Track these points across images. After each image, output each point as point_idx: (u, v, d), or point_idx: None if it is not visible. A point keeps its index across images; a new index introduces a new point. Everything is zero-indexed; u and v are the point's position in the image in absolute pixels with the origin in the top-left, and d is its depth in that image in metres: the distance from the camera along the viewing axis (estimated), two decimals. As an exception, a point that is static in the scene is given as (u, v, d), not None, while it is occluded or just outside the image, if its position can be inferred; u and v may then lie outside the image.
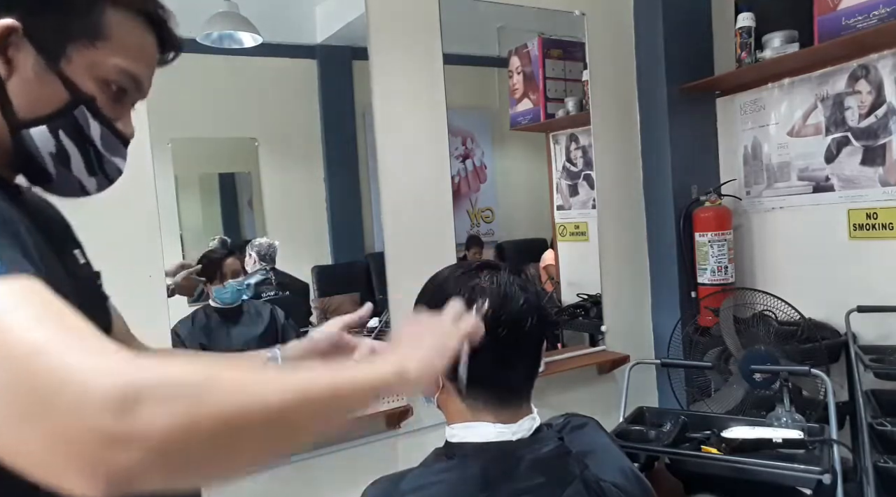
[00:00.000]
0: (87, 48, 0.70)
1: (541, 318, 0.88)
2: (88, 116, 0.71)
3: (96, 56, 0.70)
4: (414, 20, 2.15)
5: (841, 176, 2.29)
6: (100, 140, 0.73)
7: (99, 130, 0.72)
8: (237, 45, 2.10)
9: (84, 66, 0.70)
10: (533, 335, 0.87)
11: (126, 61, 0.72)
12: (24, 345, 0.45)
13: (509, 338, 0.84)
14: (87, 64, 0.70)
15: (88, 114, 0.71)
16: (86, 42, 0.70)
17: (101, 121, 0.72)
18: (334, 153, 2.36)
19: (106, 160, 0.75)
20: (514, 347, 0.85)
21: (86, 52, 0.70)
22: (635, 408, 2.03)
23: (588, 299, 2.69)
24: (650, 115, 2.63)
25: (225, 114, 2.17)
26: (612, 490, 0.86)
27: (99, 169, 0.74)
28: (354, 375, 0.60)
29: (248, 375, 0.51)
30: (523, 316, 0.85)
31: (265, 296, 2.25)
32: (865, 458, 1.81)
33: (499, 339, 0.83)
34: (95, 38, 0.70)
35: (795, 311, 2.15)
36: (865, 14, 2.02)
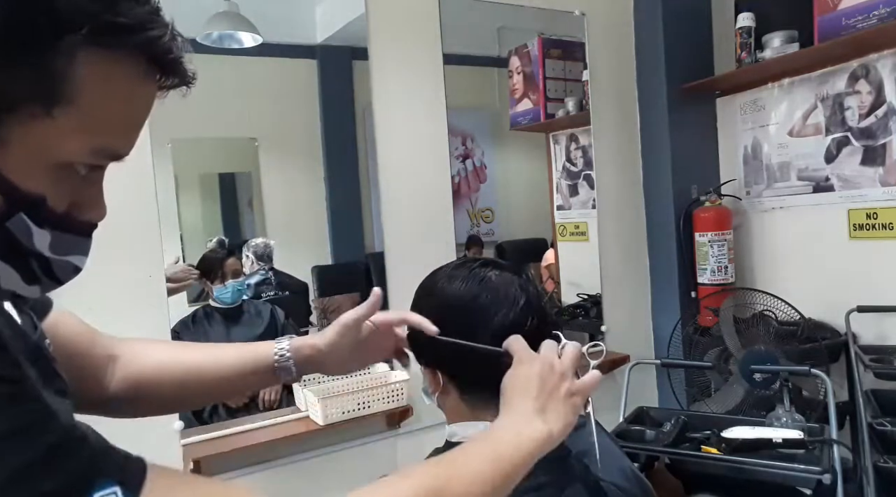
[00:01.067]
0: (34, 119, 0.45)
1: (542, 319, 0.88)
2: (31, 225, 0.48)
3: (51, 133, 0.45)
4: (414, 20, 2.15)
5: (841, 176, 2.29)
6: (48, 247, 0.50)
7: (48, 238, 0.50)
8: (237, 45, 2.10)
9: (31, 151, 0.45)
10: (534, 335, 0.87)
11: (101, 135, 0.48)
12: None
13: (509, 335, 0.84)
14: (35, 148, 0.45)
15: (31, 222, 0.48)
16: (35, 110, 0.44)
17: (50, 225, 0.49)
18: (334, 153, 2.36)
19: (56, 264, 0.52)
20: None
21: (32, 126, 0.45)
22: (635, 408, 2.03)
23: (588, 299, 2.69)
24: (650, 115, 2.63)
25: (225, 114, 2.17)
26: (612, 490, 0.86)
27: (45, 275, 0.52)
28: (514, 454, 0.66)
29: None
30: (524, 316, 0.84)
31: (265, 296, 2.25)
32: (865, 458, 1.81)
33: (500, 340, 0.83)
34: (53, 103, 0.45)
35: (795, 311, 2.15)
36: (865, 14, 2.02)
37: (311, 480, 1.94)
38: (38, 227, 0.48)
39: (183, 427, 1.77)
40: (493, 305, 0.84)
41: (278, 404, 2.04)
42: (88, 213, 0.52)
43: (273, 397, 2.05)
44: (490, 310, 0.83)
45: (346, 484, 0.62)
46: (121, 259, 1.61)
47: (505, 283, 0.85)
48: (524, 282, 0.87)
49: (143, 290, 1.70)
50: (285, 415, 1.94)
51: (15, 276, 0.50)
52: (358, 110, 2.35)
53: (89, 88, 0.45)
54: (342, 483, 2.05)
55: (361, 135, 2.33)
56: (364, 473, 0.94)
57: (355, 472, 1.95)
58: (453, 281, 0.87)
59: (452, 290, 0.86)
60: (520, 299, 0.85)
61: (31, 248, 0.49)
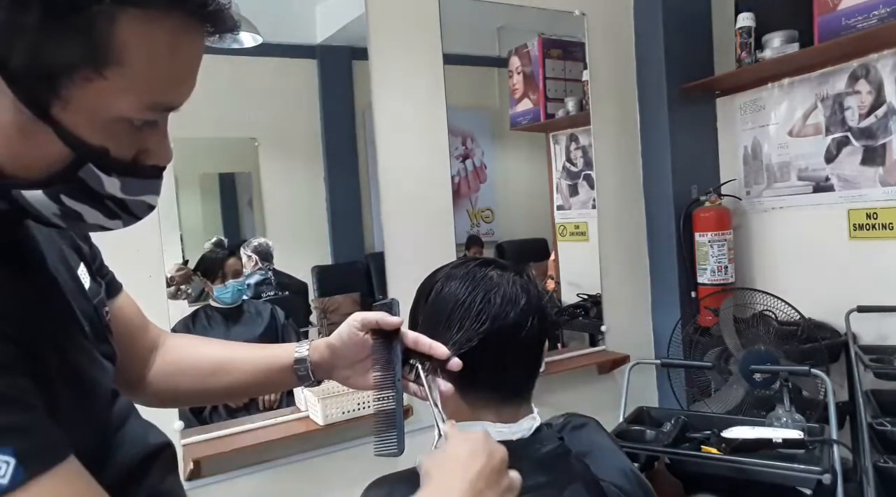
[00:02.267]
0: (89, 82, 0.48)
1: (542, 319, 0.88)
2: (99, 174, 0.53)
3: (106, 92, 0.49)
4: (414, 20, 2.15)
5: (841, 176, 2.29)
6: (119, 191, 0.56)
7: (117, 183, 0.55)
8: (237, 45, 2.10)
9: (89, 108, 0.50)
10: (534, 336, 0.87)
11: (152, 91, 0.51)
12: None
13: (511, 338, 0.84)
14: (93, 105, 0.49)
15: (99, 171, 0.53)
16: (88, 74, 0.48)
17: (118, 171, 0.55)
18: (334, 153, 2.36)
19: (131, 203, 0.58)
20: (516, 347, 0.85)
21: (89, 87, 0.49)
22: (635, 408, 2.03)
23: (588, 299, 2.69)
24: (650, 115, 2.63)
25: (225, 114, 2.16)
26: (612, 490, 0.86)
27: (123, 212, 0.58)
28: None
29: None
30: (525, 316, 0.84)
31: (265, 296, 2.25)
32: (865, 458, 1.81)
33: (500, 339, 0.83)
34: (103, 65, 0.48)
35: (795, 311, 2.15)
36: (865, 14, 2.02)
37: (311, 480, 1.94)
38: (106, 175, 0.54)
39: (183, 427, 1.77)
40: (494, 305, 0.84)
41: (278, 404, 2.04)
42: (154, 159, 0.57)
43: (273, 397, 2.05)
44: (490, 309, 0.83)
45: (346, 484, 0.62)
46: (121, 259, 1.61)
47: (506, 283, 0.85)
48: (525, 281, 0.87)
49: (143, 290, 1.69)
50: (285, 415, 1.94)
51: (96, 214, 0.57)
52: (358, 110, 2.35)
53: (133, 48, 0.48)
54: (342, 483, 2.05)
55: (361, 135, 2.33)
56: (364, 473, 0.94)
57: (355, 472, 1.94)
58: (453, 281, 0.87)
59: (452, 289, 0.86)
60: (521, 299, 0.85)
61: (102, 191, 0.55)
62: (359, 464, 2.00)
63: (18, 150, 0.50)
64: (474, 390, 0.86)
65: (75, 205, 0.55)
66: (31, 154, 0.51)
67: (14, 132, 0.49)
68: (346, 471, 1.97)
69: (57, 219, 0.56)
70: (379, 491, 0.85)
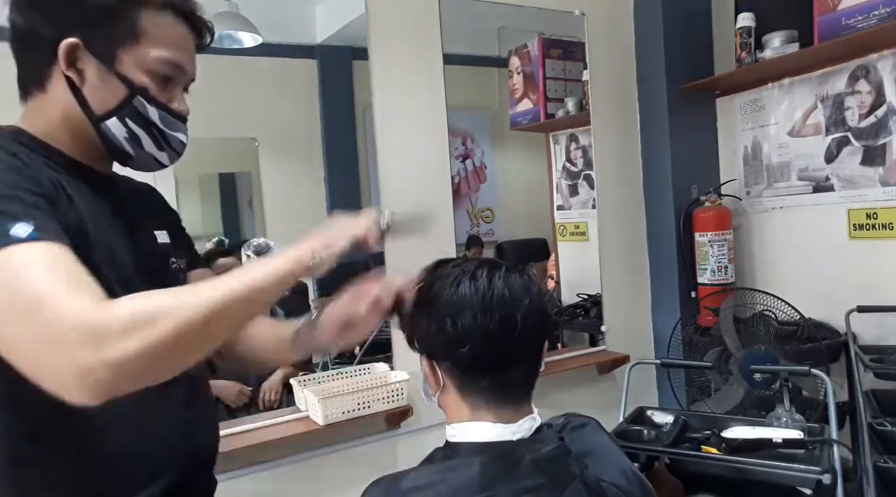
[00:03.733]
0: (132, 48, 0.84)
1: (543, 319, 0.88)
2: (145, 103, 0.86)
3: (140, 52, 0.84)
4: (414, 20, 2.15)
5: (841, 176, 2.29)
6: (159, 120, 0.88)
7: (157, 113, 0.87)
8: (237, 45, 2.10)
9: (133, 63, 0.84)
10: (535, 336, 0.87)
11: (165, 51, 0.86)
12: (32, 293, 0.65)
13: (511, 338, 0.84)
14: (134, 61, 0.84)
15: (145, 101, 0.85)
16: (131, 43, 0.83)
17: (156, 105, 0.87)
18: (334, 153, 2.36)
19: (169, 136, 0.90)
20: (516, 348, 0.85)
21: (132, 51, 0.84)
22: (635, 408, 2.03)
23: (588, 299, 2.69)
24: (650, 115, 2.63)
25: (225, 114, 2.16)
26: (612, 490, 0.86)
27: (165, 144, 0.90)
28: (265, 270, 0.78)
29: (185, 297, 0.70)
30: (525, 316, 0.84)
31: (265, 296, 2.25)
32: (865, 458, 1.82)
33: (500, 339, 0.83)
34: (137, 38, 0.84)
35: (795, 311, 2.15)
36: (865, 14, 2.02)
37: (311, 480, 1.94)
38: (149, 104, 0.86)
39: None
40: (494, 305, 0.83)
41: (278, 404, 2.05)
42: (178, 105, 0.90)
43: (273, 397, 2.05)
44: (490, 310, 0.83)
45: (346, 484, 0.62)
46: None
47: (506, 283, 0.85)
48: (525, 281, 0.87)
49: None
50: (285, 415, 1.94)
51: (150, 142, 0.89)
52: (358, 110, 2.35)
53: (152, 29, 0.84)
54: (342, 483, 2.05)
55: (361, 135, 2.33)
56: (364, 473, 0.94)
57: (355, 472, 1.95)
58: (453, 281, 0.87)
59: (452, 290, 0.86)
60: (521, 299, 0.85)
61: (150, 118, 0.87)
62: (359, 464, 2.01)
63: (99, 93, 0.84)
64: (474, 391, 0.86)
65: (136, 129, 0.86)
66: (105, 94, 0.84)
67: (97, 82, 0.84)
68: (346, 471, 1.97)
69: (126, 143, 0.87)
70: (379, 490, 0.85)
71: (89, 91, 0.84)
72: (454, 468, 0.83)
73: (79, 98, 0.84)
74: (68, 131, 0.86)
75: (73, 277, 0.68)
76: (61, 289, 0.66)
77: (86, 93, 0.84)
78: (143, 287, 0.78)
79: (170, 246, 1.00)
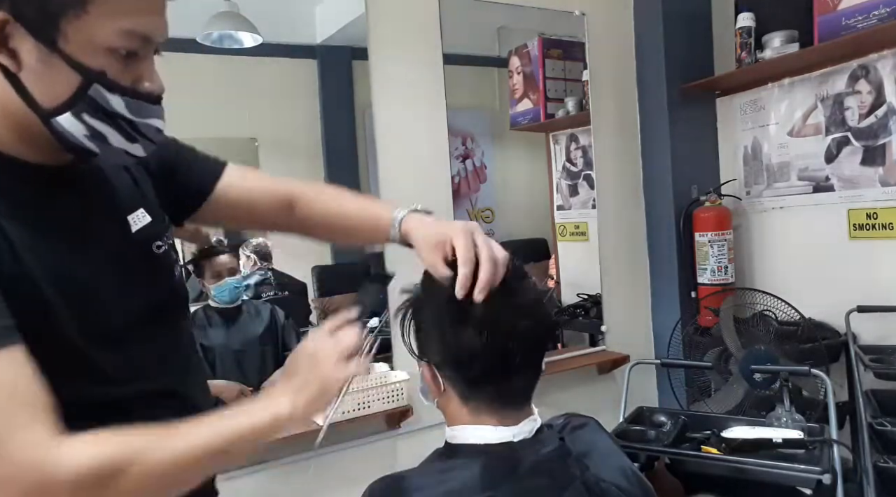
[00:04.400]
0: (78, 18, 0.64)
1: (542, 321, 0.87)
2: (104, 92, 0.68)
3: (91, 24, 0.65)
4: (414, 20, 2.15)
5: (841, 176, 2.29)
6: (126, 109, 0.70)
7: (122, 102, 0.69)
8: (237, 45, 2.10)
9: (83, 39, 0.65)
10: (537, 342, 0.86)
11: (122, 20, 0.66)
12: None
13: (511, 341, 0.83)
14: (85, 37, 0.65)
15: (104, 89, 0.68)
16: (76, 12, 0.64)
17: (119, 91, 0.69)
18: (334, 153, 2.36)
19: (140, 125, 0.72)
20: (516, 351, 0.84)
21: (79, 23, 0.65)
22: (635, 408, 2.03)
23: (588, 299, 2.68)
24: (650, 115, 2.63)
25: (225, 114, 2.16)
26: (612, 490, 0.86)
27: (137, 135, 0.73)
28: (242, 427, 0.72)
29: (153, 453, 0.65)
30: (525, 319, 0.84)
31: (265, 296, 2.25)
32: (865, 458, 1.82)
33: (501, 342, 0.83)
34: (84, 5, 0.64)
35: (795, 311, 2.15)
36: (865, 14, 2.02)
37: (311, 480, 1.94)
38: (110, 93, 0.68)
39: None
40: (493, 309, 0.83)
41: (278, 404, 2.04)
42: (148, 84, 0.72)
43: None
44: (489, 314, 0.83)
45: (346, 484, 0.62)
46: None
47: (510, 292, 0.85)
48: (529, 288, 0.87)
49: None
50: (285, 415, 1.93)
51: (118, 136, 0.71)
52: (358, 110, 2.35)
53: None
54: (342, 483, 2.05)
55: (361, 135, 2.33)
56: (364, 473, 0.94)
57: (355, 472, 1.94)
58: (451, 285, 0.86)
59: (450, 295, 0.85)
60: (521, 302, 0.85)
61: (112, 110, 0.69)
62: (359, 464, 2.01)
63: (43, 81, 0.66)
64: (476, 395, 0.86)
65: (98, 124, 0.69)
66: (52, 83, 0.66)
67: (39, 67, 0.66)
68: (346, 471, 1.97)
69: (88, 141, 0.70)
70: (379, 490, 0.85)
71: (30, 78, 0.66)
72: (455, 469, 0.83)
73: (17, 87, 0.67)
74: (6, 125, 0.70)
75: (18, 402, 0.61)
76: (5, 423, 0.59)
77: (25, 80, 0.66)
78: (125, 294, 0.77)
79: (150, 227, 0.86)
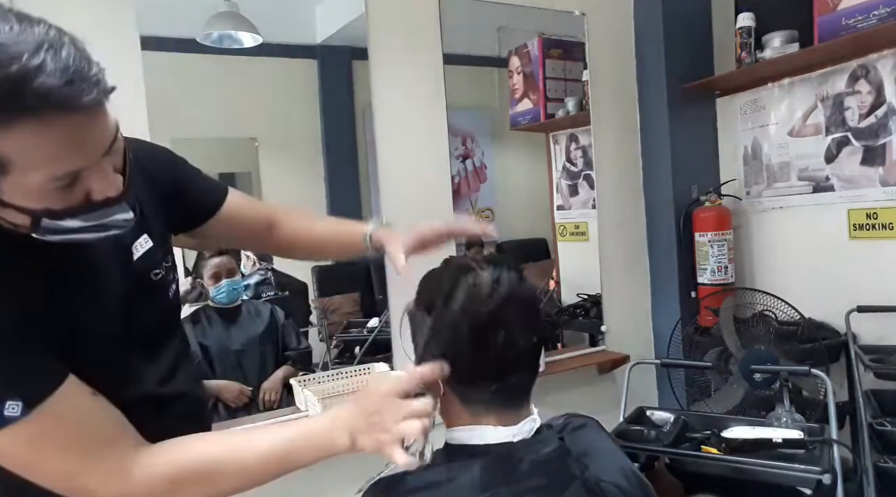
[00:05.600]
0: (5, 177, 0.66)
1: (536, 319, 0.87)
2: (56, 221, 0.70)
3: (18, 180, 0.66)
4: (414, 20, 2.15)
5: (841, 176, 2.28)
6: (84, 222, 0.72)
7: (77, 221, 0.71)
8: (237, 45, 2.10)
9: (19, 191, 0.67)
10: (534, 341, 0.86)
11: (46, 169, 0.66)
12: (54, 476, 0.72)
13: (508, 340, 0.83)
14: (19, 189, 0.67)
15: (54, 220, 0.70)
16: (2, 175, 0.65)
17: (69, 214, 0.70)
18: (334, 153, 2.36)
19: (106, 224, 0.74)
20: (512, 350, 0.84)
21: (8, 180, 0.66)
22: (635, 408, 2.03)
23: (588, 299, 2.68)
24: (650, 115, 2.63)
25: (225, 114, 2.16)
26: (612, 490, 0.86)
27: (104, 230, 0.74)
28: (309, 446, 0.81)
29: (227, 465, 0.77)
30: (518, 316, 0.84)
31: (265, 296, 2.25)
32: (865, 458, 1.82)
33: (498, 342, 0.83)
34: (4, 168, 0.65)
35: (795, 311, 2.15)
36: (865, 14, 2.02)
37: (311, 480, 1.94)
38: (60, 221, 0.69)
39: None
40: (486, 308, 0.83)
41: (278, 404, 2.04)
42: (101, 195, 0.71)
43: (273, 397, 2.05)
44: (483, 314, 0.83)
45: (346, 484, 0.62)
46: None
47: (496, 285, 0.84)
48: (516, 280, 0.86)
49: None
50: (285, 415, 1.94)
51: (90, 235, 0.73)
52: (358, 110, 2.35)
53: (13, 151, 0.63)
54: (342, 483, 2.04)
55: (361, 135, 2.33)
56: (364, 473, 0.94)
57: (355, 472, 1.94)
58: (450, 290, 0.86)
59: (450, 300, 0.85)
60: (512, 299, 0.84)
61: (70, 228, 0.70)
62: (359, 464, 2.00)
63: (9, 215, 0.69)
64: (474, 396, 0.86)
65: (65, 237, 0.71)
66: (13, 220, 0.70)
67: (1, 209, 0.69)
68: (346, 471, 1.96)
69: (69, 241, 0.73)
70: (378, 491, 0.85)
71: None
72: (455, 470, 0.83)
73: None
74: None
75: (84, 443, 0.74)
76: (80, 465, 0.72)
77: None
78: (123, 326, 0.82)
79: (149, 253, 0.92)
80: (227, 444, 0.82)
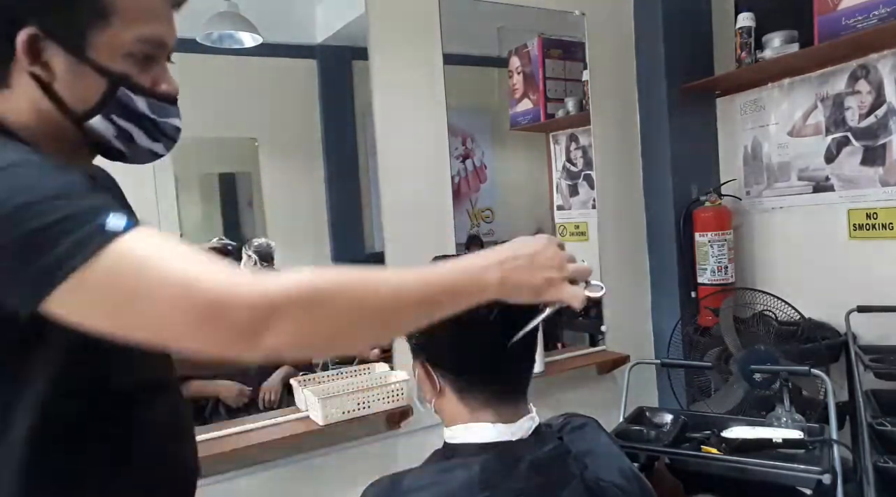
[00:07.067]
0: (103, 29, 0.72)
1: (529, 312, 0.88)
2: (130, 94, 0.75)
3: (113, 33, 0.72)
4: (414, 20, 2.15)
5: (841, 176, 2.29)
6: (149, 110, 0.77)
7: (144, 102, 0.76)
8: (237, 45, 2.10)
9: (108, 47, 0.72)
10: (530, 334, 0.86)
11: (141, 27, 0.73)
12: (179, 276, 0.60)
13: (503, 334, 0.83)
14: (109, 45, 0.72)
15: (129, 91, 0.75)
16: (100, 23, 0.71)
17: (142, 93, 0.76)
18: (334, 153, 2.36)
19: (162, 124, 0.79)
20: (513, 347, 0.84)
21: (103, 33, 0.72)
22: (635, 408, 2.03)
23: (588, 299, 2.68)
24: (650, 115, 2.63)
25: (225, 114, 2.16)
26: (611, 490, 0.86)
27: (160, 134, 0.80)
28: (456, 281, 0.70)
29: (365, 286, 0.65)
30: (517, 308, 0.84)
31: (265, 296, 2.25)
32: (865, 458, 1.82)
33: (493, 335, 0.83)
34: (107, 17, 0.71)
35: (795, 311, 2.15)
36: (865, 14, 2.02)
37: (311, 480, 1.94)
38: (134, 94, 0.75)
39: (183, 427, 1.76)
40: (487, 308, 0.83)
41: (278, 404, 2.04)
42: (165, 85, 0.78)
43: (273, 397, 2.05)
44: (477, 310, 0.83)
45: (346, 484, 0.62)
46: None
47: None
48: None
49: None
50: (285, 415, 1.94)
51: (143, 136, 0.78)
52: (358, 110, 2.35)
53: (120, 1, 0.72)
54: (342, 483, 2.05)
55: (361, 135, 2.33)
56: (364, 473, 0.94)
57: (355, 472, 1.94)
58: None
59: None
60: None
61: (138, 110, 0.76)
62: (359, 464, 2.01)
63: (75, 88, 0.73)
64: (471, 392, 0.86)
65: (126, 125, 0.76)
66: (83, 89, 0.73)
67: (70, 76, 0.72)
68: (346, 471, 1.97)
69: (117, 141, 0.77)
70: (378, 490, 0.85)
71: (62, 87, 0.72)
72: (454, 469, 0.83)
73: (51, 95, 0.72)
74: (43, 130, 0.74)
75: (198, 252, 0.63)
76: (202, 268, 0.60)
77: (58, 89, 0.72)
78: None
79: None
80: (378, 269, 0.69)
